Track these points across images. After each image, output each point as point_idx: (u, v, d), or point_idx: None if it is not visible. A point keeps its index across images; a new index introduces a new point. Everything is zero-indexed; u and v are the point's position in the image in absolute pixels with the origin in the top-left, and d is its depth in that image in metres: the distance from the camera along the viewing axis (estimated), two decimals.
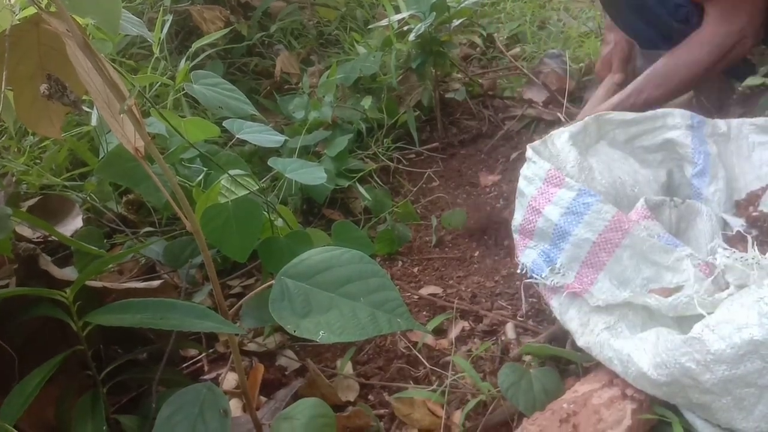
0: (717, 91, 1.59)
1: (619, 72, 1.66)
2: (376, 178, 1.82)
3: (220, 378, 1.21)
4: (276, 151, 1.72)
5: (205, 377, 1.24)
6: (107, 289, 1.03)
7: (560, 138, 1.16)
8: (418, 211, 1.73)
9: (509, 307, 1.31)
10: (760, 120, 1.25)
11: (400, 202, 1.72)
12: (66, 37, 0.63)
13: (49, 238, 1.44)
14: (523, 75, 2.18)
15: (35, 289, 0.88)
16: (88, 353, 0.92)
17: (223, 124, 1.21)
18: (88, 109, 1.41)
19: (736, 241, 1.08)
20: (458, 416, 1.06)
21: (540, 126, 1.98)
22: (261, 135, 1.18)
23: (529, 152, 1.12)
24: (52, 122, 0.82)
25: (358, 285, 0.77)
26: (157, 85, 1.57)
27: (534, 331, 1.22)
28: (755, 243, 1.03)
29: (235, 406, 1.16)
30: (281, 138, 1.22)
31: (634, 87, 1.43)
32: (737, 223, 1.12)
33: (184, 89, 1.17)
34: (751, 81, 1.29)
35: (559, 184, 1.05)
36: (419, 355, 1.21)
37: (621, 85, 1.61)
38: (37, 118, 0.82)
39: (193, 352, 1.29)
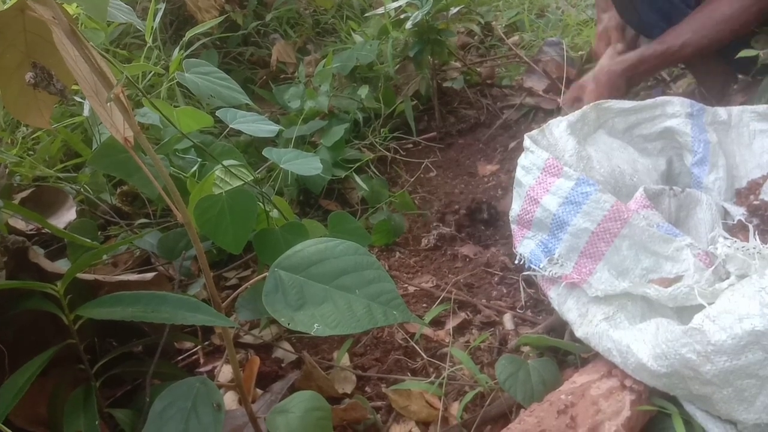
0: (720, 81, 1.57)
1: (620, 41, 1.61)
2: (373, 169, 1.80)
3: (215, 371, 1.21)
4: (272, 141, 1.71)
5: (201, 370, 1.22)
6: (99, 282, 1.02)
7: (558, 127, 1.14)
8: (416, 201, 1.71)
9: (507, 298, 1.30)
10: (761, 107, 1.23)
11: (397, 192, 1.70)
12: (52, 24, 0.61)
13: (43, 231, 1.42)
14: (521, 64, 2.16)
15: (25, 282, 0.87)
16: (80, 347, 0.90)
17: (217, 114, 1.19)
18: (80, 99, 1.39)
19: (737, 230, 1.06)
20: (456, 408, 1.05)
21: (539, 115, 1.96)
22: (255, 125, 1.16)
23: (526, 142, 1.11)
24: (41, 112, 0.80)
25: (353, 277, 0.76)
26: (150, 74, 1.55)
27: (532, 321, 1.21)
28: (756, 232, 1.02)
29: (231, 398, 1.15)
30: (275, 128, 1.20)
31: (669, 33, 1.38)
32: (738, 212, 1.11)
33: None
34: (745, 53, 1.26)
35: (557, 174, 1.04)
36: (416, 347, 1.20)
37: (623, 53, 1.58)
38: (26, 109, 0.81)
39: (189, 344, 1.28)
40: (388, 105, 1.92)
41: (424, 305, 1.31)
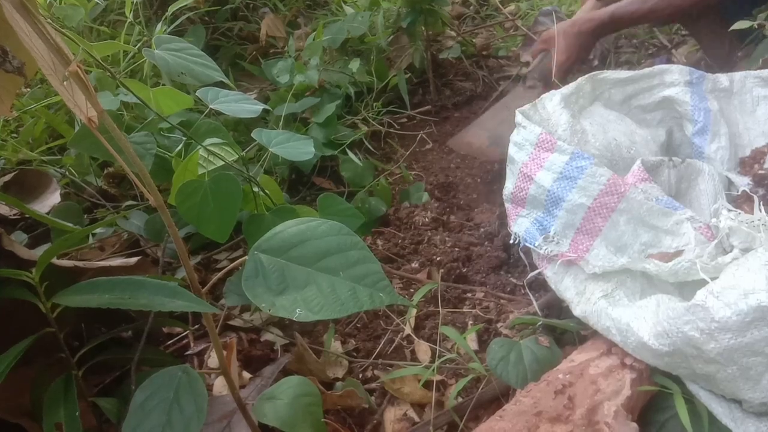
0: (726, 48, 1.52)
1: None
2: (367, 144, 1.75)
3: (205, 355, 1.18)
4: (262, 119, 1.66)
5: (191, 353, 1.20)
6: (80, 268, 0.98)
7: (551, 101, 1.10)
8: (412, 177, 1.67)
9: (502, 276, 1.26)
10: (765, 72, 1.19)
11: (392, 167, 1.66)
12: None
13: (28, 215, 1.39)
14: (519, 34, 2.11)
15: None
16: (59, 335, 0.87)
17: (197, 94, 1.14)
18: None
19: (741, 201, 1.02)
20: (451, 389, 1.02)
21: None
22: (237, 104, 1.11)
23: (518, 117, 1.07)
24: (1, 99, 0.76)
25: (336, 258, 0.72)
26: (133, 53, 1.50)
27: (527, 301, 1.17)
28: (762, 203, 0.98)
29: (222, 383, 1.12)
30: (258, 107, 1.14)
31: None
32: (743, 182, 1.07)
33: None
34: (740, 25, 1.21)
35: (551, 149, 1.00)
36: (409, 328, 1.16)
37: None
38: None
39: (180, 328, 1.25)
40: (380, 78, 1.86)
41: (415, 286, 1.28)
